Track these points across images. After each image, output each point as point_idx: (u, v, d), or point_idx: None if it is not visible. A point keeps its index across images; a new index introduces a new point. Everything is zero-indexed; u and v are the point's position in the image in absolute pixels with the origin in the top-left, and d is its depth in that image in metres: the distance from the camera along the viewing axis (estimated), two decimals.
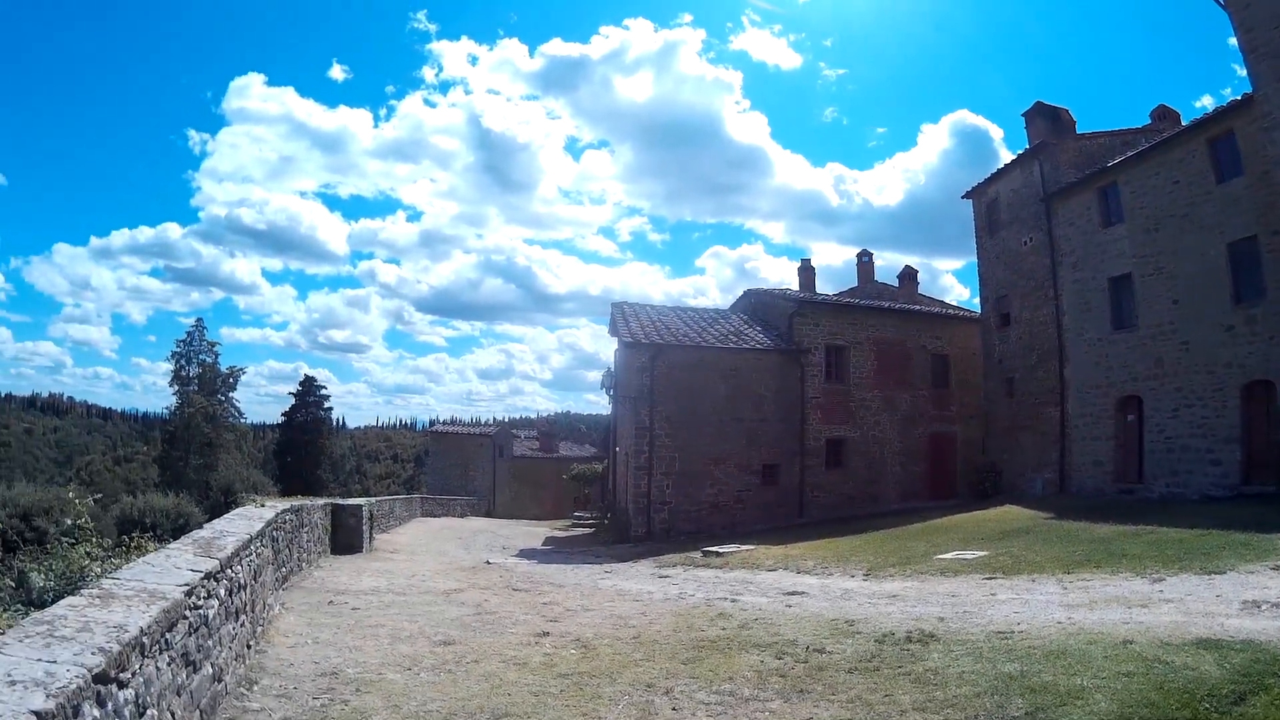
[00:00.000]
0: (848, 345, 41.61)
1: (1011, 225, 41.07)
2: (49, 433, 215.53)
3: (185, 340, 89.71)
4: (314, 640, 13.38)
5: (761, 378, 39.43)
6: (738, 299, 49.83)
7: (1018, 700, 8.68)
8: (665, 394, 37.55)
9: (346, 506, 29.12)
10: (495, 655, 12.37)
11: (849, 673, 10.51)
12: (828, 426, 40.45)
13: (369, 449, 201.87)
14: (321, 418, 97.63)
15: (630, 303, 44.78)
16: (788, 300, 43.38)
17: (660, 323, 40.80)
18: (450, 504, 64.89)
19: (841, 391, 41.12)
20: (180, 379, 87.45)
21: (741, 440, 38.73)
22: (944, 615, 14.35)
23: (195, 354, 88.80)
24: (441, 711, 9.42)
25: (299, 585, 19.75)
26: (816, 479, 39.85)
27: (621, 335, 39.72)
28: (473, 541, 38.72)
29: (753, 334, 41.20)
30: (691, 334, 39.88)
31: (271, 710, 9.34)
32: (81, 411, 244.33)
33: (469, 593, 20.12)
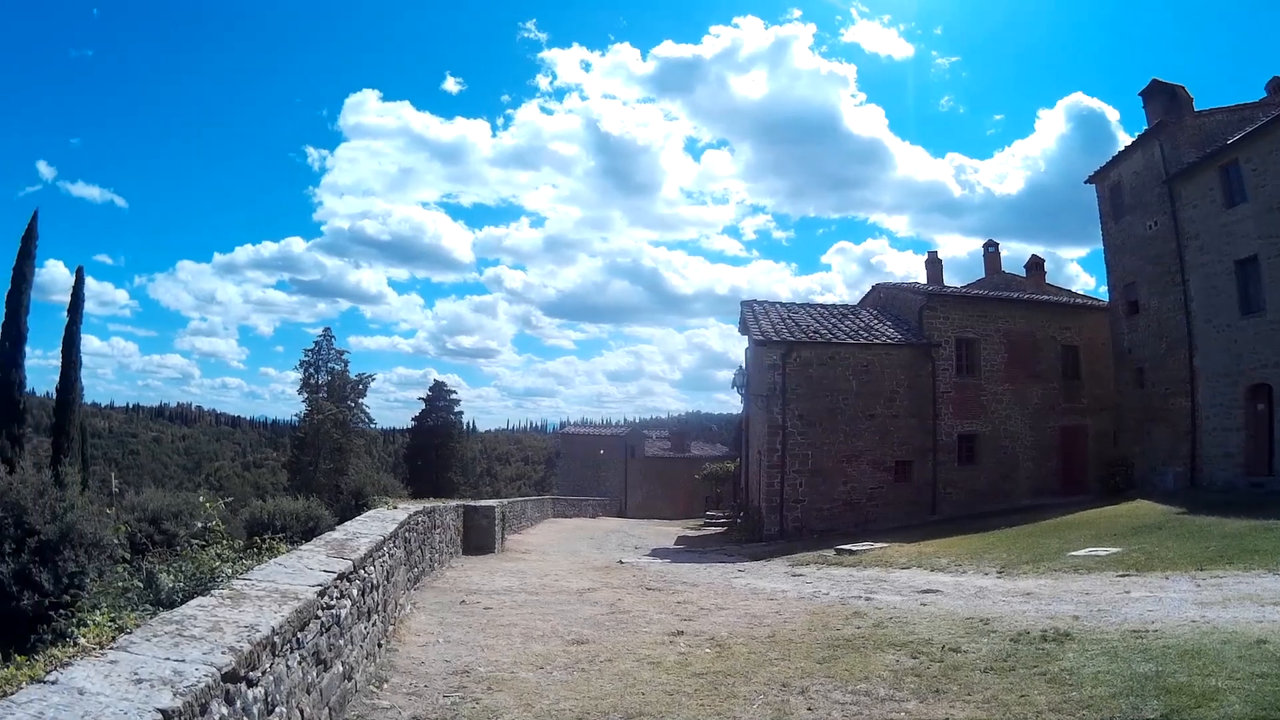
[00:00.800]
0: (978, 338, 40.94)
1: (1135, 209, 40.16)
2: (177, 440, 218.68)
3: (314, 349, 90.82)
4: (445, 639, 13.49)
5: (893, 373, 39.01)
6: (866, 294, 49.32)
7: (1153, 702, 8.52)
8: (797, 391, 37.30)
9: (479, 508, 29.31)
10: (629, 654, 12.35)
11: (984, 672, 10.42)
12: (959, 421, 39.89)
13: (499, 452, 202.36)
14: (452, 421, 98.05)
15: (760, 301, 44.41)
16: (917, 294, 42.87)
17: (790, 320, 40.52)
18: (582, 504, 65.21)
19: (972, 385, 40.54)
20: (309, 387, 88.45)
21: (874, 437, 38.34)
22: (1078, 614, 14.21)
23: (324, 362, 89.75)
24: (574, 710, 9.39)
25: (431, 585, 19.97)
26: (949, 475, 39.34)
27: (752, 333, 39.54)
28: (605, 541, 38.89)
29: (883, 329, 40.70)
30: (822, 330, 39.52)
31: (401, 708, 9.40)
32: (210, 420, 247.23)
33: (602, 592, 20.15)
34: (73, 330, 57.57)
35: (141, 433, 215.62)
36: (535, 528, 44.18)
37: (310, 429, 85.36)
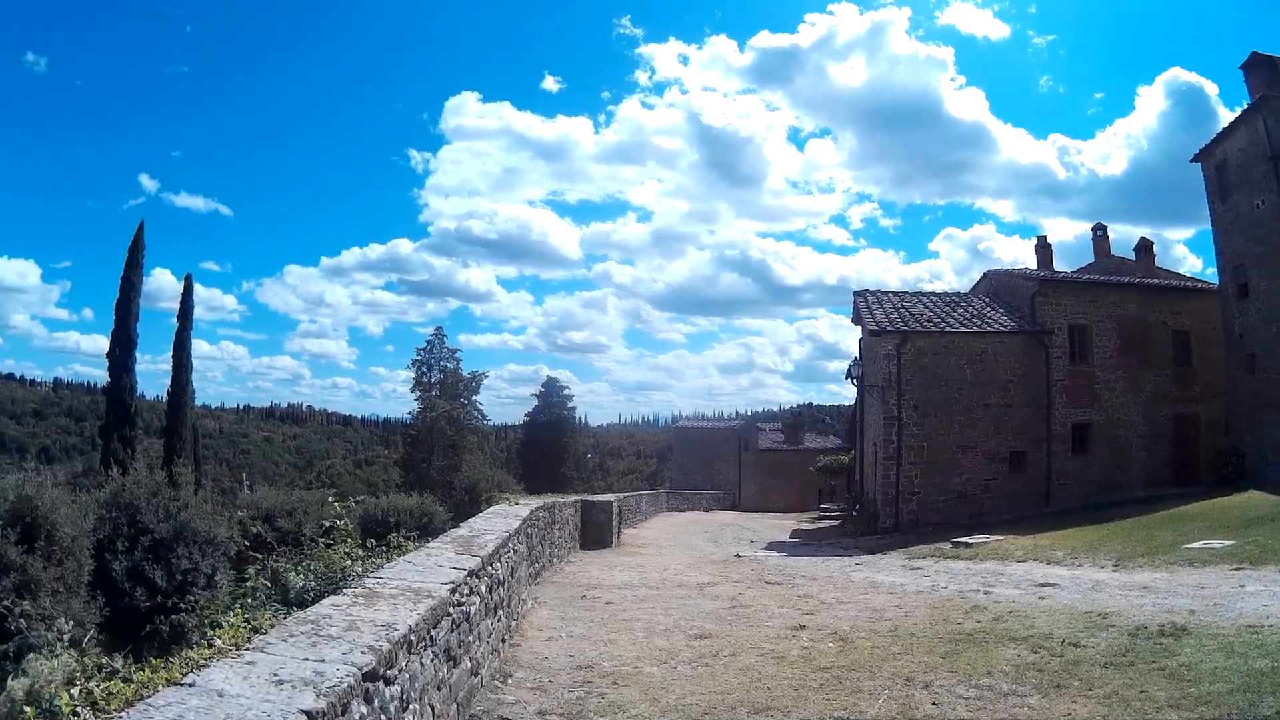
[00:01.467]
0: (1089, 324, 40.15)
1: (1242, 188, 38.95)
2: (288, 440, 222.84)
3: (425, 348, 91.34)
4: (568, 634, 13.68)
5: (1006, 361, 38.54)
6: (978, 281, 48.84)
7: (1269, 698, 8.49)
8: (911, 382, 37.05)
9: (596, 503, 29.54)
10: (752, 648, 12.44)
11: (1104, 667, 10.41)
12: (1072, 410, 39.30)
13: (611, 446, 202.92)
14: (565, 417, 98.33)
15: (873, 290, 44.07)
16: (1028, 280, 42.33)
17: (904, 309, 40.24)
18: (695, 498, 65.25)
19: (1085, 373, 39.91)
20: (422, 385, 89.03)
21: (989, 427, 37.99)
22: (1194, 608, 14.09)
23: (436, 361, 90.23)
24: (700, 705, 9.47)
25: (551, 580, 20.22)
26: (1062, 466, 38.79)
27: (866, 323, 39.40)
28: (720, 535, 38.98)
29: (995, 316, 40.26)
30: (935, 319, 39.19)
31: (526, 703, 9.53)
32: (321, 419, 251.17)
33: (722, 586, 20.21)
34: (183, 335, 58.62)
35: (252, 433, 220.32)
36: (650, 522, 44.33)
37: (423, 426, 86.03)
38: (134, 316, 55.20)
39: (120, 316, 54.89)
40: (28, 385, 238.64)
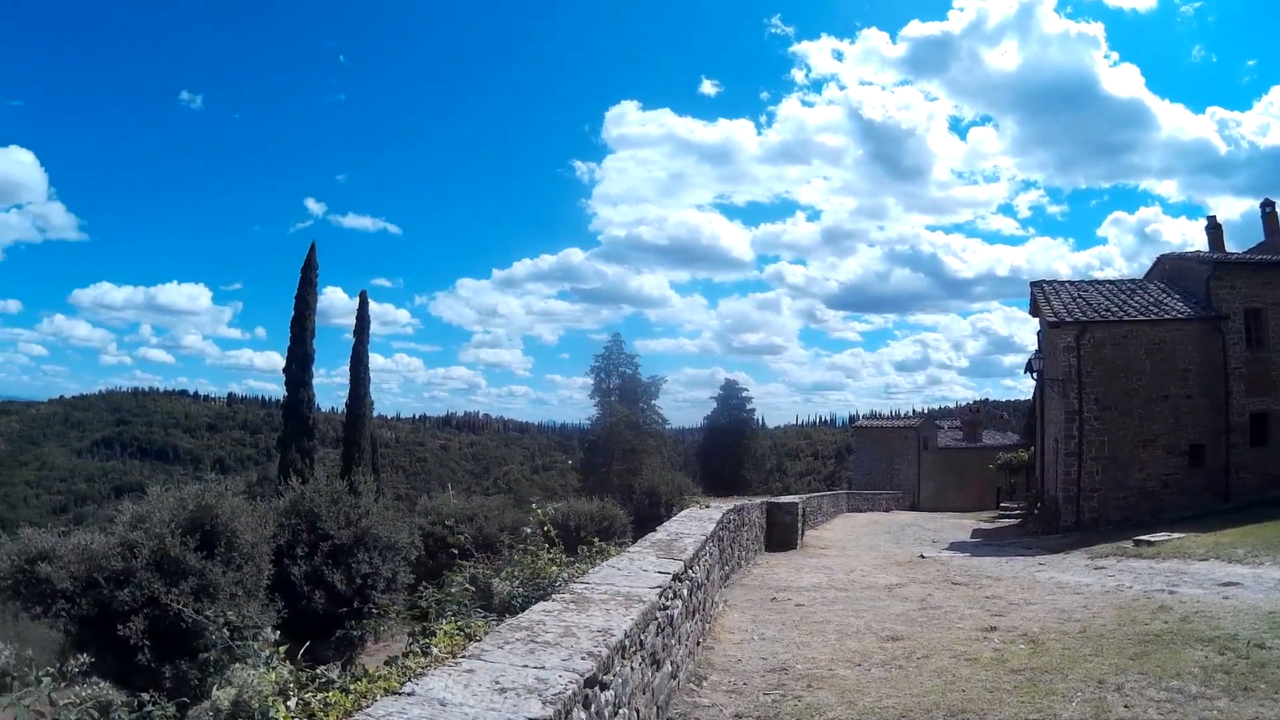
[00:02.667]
0: (1264, 307, 38.74)
1: None
2: (465, 447, 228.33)
3: (603, 355, 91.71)
4: (759, 636, 13.78)
5: (1184, 350, 37.20)
6: (1151, 266, 47.58)
7: None
8: (1091, 374, 36.36)
9: (782, 504, 29.62)
10: (944, 650, 12.49)
11: None
12: (1250, 400, 38.16)
13: (789, 447, 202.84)
14: (744, 419, 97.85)
15: (1050, 280, 43.24)
16: (1201, 263, 41.13)
17: (1081, 299, 39.49)
18: (875, 498, 64.81)
19: (1262, 359, 38.68)
20: (601, 391, 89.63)
21: (1168, 420, 36.87)
22: None
23: (614, 367, 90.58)
24: (896, 708, 9.55)
25: (740, 583, 20.33)
26: (1240, 458, 37.68)
27: (1044, 315, 38.82)
28: (902, 535, 38.63)
29: (1171, 303, 39.19)
30: (1112, 308, 38.35)
31: (722, 705, 9.66)
32: (498, 427, 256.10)
33: (910, 587, 20.19)
34: (360, 349, 60.08)
35: (429, 441, 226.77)
36: (831, 523, 44.16)
37: (602, 432, 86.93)
38: (309, 333, 56.71)
39: (296, 333, 56.42)
40: (202, 401, 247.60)
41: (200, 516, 20.20)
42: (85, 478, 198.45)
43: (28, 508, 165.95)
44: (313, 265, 57.80)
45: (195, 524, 20.05)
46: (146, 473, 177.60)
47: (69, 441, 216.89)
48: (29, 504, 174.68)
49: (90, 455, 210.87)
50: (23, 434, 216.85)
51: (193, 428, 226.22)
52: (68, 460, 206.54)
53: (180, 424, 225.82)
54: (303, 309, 56.85)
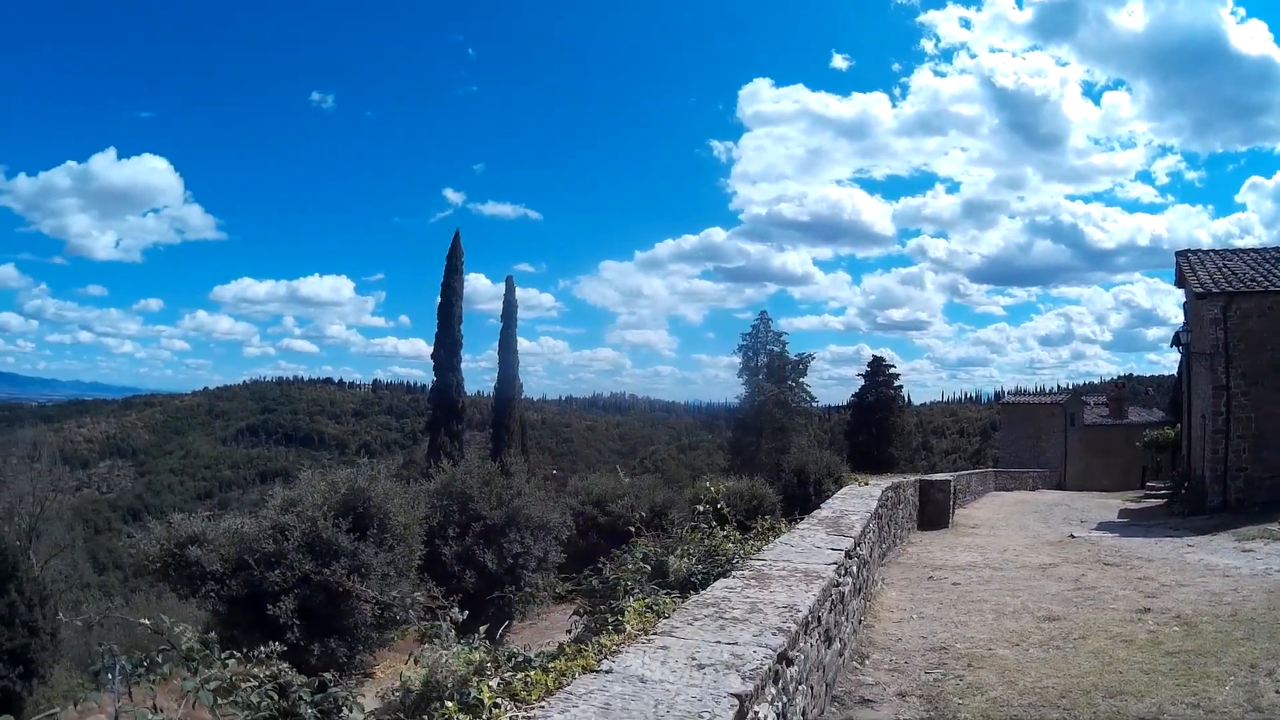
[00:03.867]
0: None
1: None
2: (611, 428, 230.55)
3: (751, 333, 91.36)
4: (918, 615, 13.82)
5: None
6: None
7: None
8: (1238, 347, 35.59)
9: (934, 482, 29.52)
10: (1100, 631, 12.40)
11: None
12: None
13: (934, 424, 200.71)
14: (891, 396, 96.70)
15: (1196, 250, 42.21)
16: None
17: (1227, 268, 38.50)
18: (1022, 477, 64.10)
19: None
20: (749, 369, 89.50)
21: None
22: None
23: (762, 345, 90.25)
24: (1056, 688, 9.51)
25: (896, 561, 20.35)
26: None
27: (1190, 285, 37.92)
28: (1050, 515, 38.04)
29: None
30: (1258, 278, 37.56)
31: (885, 684, 9.71)
32: (644, 407, 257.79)
33: (1063, 567, 19.97)
34: (508, 334, 60.93)
35: (575, 423, 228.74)
36: (979, 501, 43.81)
37: (751, 410, 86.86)
38: (456, 319, 57.65)
39: (443, 320, 57.36)
40: (347, 388, 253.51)
41: (352, 499, 20.62)
42: (230, 465, 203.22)
43: (171, 494, 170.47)
44: (458, 253, 58.70)
45: (347, 506, 20.47)
46: (291, 459, 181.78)
47: (213, 431, 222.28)
48: (173, 490, 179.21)
49: (234, 443, 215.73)
50: (167, 425, 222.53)
51: (338, 414, 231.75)
52: (212, 448, 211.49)
53: (325, 411, 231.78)
54: (449, 296, 57.76)
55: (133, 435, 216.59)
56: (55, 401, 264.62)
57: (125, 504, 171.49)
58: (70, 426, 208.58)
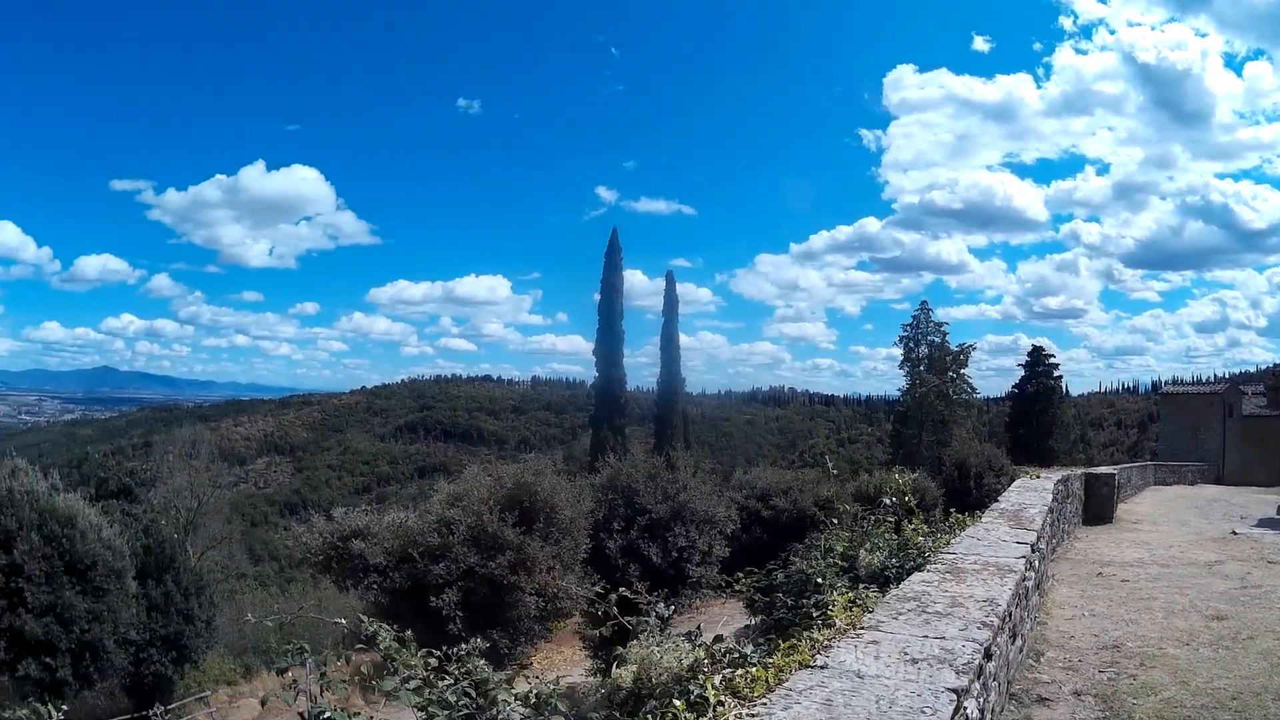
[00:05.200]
0: None
1: None
2: (770, 421, 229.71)
3: (911, 324, 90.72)
4: (1089, 612, 13.67)
5: None
6: None
7: None
8: None
9: (1099, 475, 29.27)
10: (1268, 632, 12.17)
11: None
12: None
13: (1091, 416, 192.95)
14: (1051, 387, 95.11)
15: None
16: None
17: None
18: (1181, 470, 63.03)
19: None
20: (910, 361, 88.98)
21: None
22: None
23: (923, 336, 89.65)
24: (1228, 689, 9.38)
25: (1063, 556, 20.14)
26: None
27: None
28: (1210, 510, 37.25)
29: None
30: None
31: (1061, 682, 9.64)
32: (803, 400, 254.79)
33: (1228, 565, 19.58)
34: (669, 329, 61.50)
35: (734, 416, 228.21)
36: (1139, 495, 43.19)
37: (912, 403, 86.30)
38: (617, 315, 58.45)
39: (604, 316, 58.09)
40: (505, 385, 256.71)
41: (518, 494, 20.94)
42: (388, 460, 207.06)
43: (329, 489, 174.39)
44: (616, 250, 59.41)
45: (513, 500, 20.79)
46: (450, 454, 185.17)
47: (371, 428, 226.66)
48: (330, 486, 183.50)
49: (393, 440, 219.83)
50: (325, 422, 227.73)
51: (496, 410, 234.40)
52: (370, 445, 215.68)
53: (484, 407, 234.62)
54: (609, 292, 58.48)
55: (290, 433, 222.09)
56: (212, 402, 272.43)
57: (282, 499, 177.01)
58: (228, 425, 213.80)
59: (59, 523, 24.81)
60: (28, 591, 23.82)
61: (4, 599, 23.80)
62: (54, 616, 24.12)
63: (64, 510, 25.22)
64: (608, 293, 58.06)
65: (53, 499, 25.40)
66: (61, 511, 25.12)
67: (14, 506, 24.46)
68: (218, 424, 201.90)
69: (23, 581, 23.84)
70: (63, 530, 24.79)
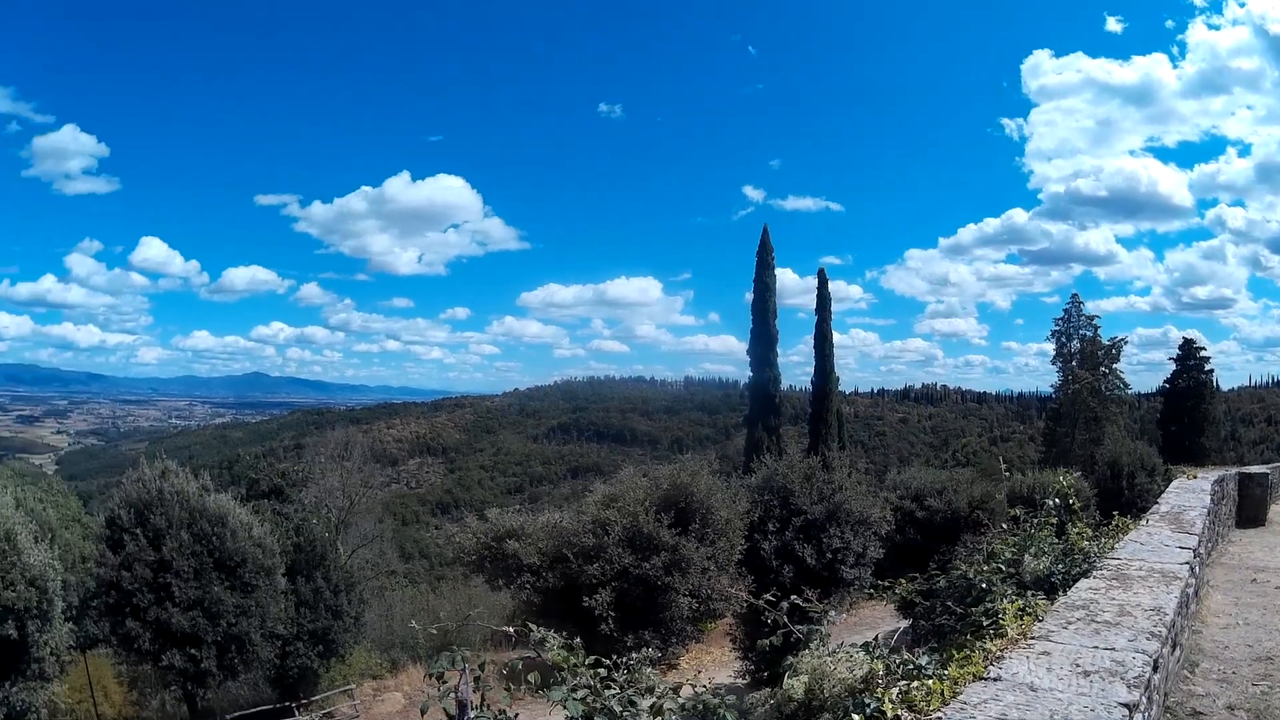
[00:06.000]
0: None
1: None
2: (923, 420, 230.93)
3: (1063, 318, 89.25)
4: (1243, 621, 13.26)
5: None
6: None
7: None
8: None
9: (1254, 475, 28.64)
10: None
11: None
12: None
13: (1242, 412, 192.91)
14: (1202, 382, 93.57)
15: None
16: None
17: None
18: None
19: None
20: (1062, 356, 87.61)
21: None
22: None
23: (1075, 330, 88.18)
24: None
25: (1217, 561, 19.53)
26: None
27: None
28: None
29: None
30: None
31: (1215, 695, 9.40)
32: (955, 398, 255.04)
33: None
34: (823, 327, 61.12)
35: (887, 415, 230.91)
36: None
37: (1065, 399, 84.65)
38: (771, 314, 58.39)
39: (757, 315, 58.06)
40: (658, 385, 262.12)
41: (674, 495, 21.12)
42: (541, 461, 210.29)
43: (481, 489, 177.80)
44: (767, 249, 59.29)
45: (669, 501, 20.95)
46: (603, 455, 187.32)
47: (524, 429, 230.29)
48: (482, 486, 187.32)
49: (545, 440, 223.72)
50: (477, 424, 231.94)
51: (649, 411, 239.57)
52: (523, 446, 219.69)
53: (637, 408, 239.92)
54: (762, 291, 58.43)
55: (442, 434, 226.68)
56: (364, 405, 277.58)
57: (434, 499, 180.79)
58: (379, 428, 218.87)
59: (209, 521, 25.81)
60: (175, 586, 24.69)
61: (152, 593, 24.65)
62: (201, 610, 24.98)
63: (214, 510, 26.01)
64: (760, 291, 58.01)
65: (203, 499, 26.12)
66: (212, 511, 25.90)
67: (163, 506, 25.29)
68: (369, 426, 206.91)
69: (170, 577, 24.72)
70: (213, 529, 25.78)
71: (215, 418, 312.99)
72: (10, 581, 18.34)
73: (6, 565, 18.44)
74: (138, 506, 25.40)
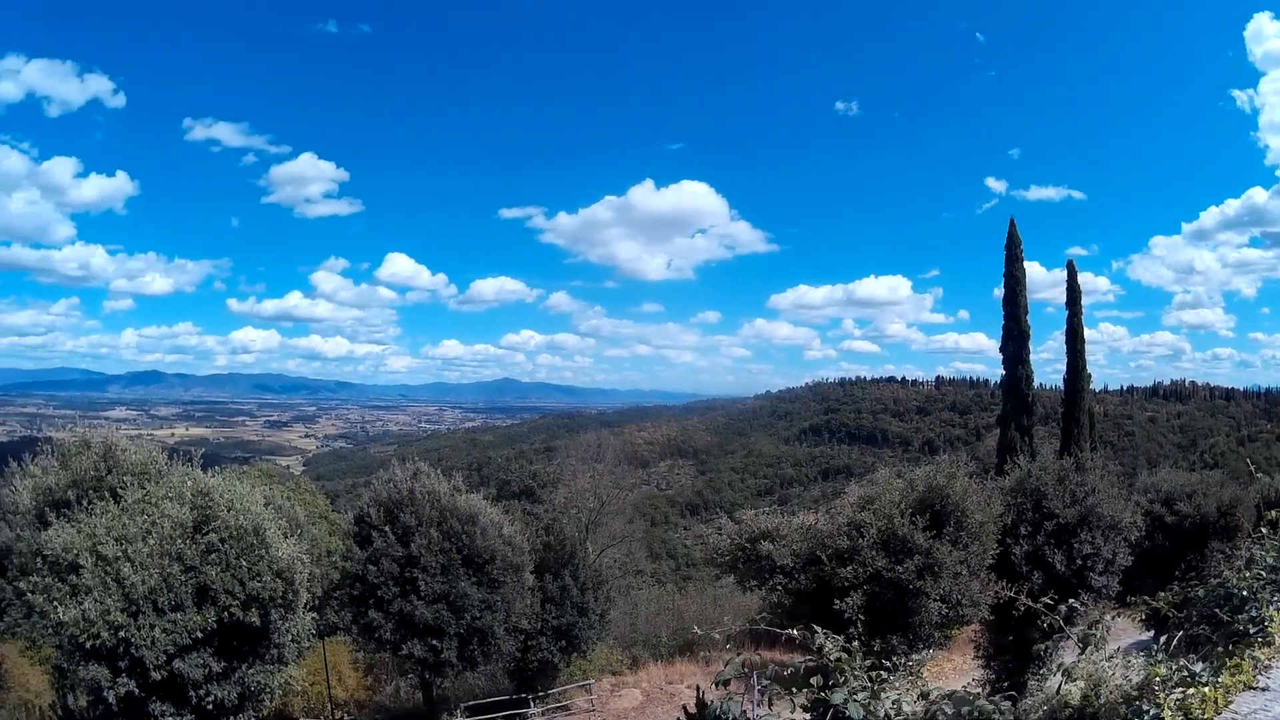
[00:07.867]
0: None
1: None
2: (1171, 419, 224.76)
3: None
4: None
5: None
6: None
7: None
8: None
9: None
10: None
11: None
12: None
13: None
14: None
15: None
16: None
17: None
18: None
19: None
20: None
21: None
22: None
23: None
24: None
25: None
26: None
27: None
28: None
29: None
30: None
31: None
32: (1203, 394, 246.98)
33: None
34: (1074, 321, 59.82)
35: (1136, 413, 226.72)
36: None
37: None
38: (1022, 309, 57.39)
39: (1009, 310, 57.16)
40: (910, 385, 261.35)
41: (930, 497, 21.00)
42: (791, 463, 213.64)
43: (731, 491, 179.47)
44: (1016, 241, 58.26)
45: (924, 504, 20.89)
46: (854, 456, 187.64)
47: (775, 431, 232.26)
48: (733, 488, 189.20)
49: (796, 442, 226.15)
50: (728, 426, 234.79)
51: (901, 412, 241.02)
52: (774, 448, 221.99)
53: (888, 409, 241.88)
54: (1013, 285, 57.47)
55: (694, 437, 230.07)
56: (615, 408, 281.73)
57: (684, 500, 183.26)
58: (630, 430, 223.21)
59: (459, 520, 26.48)
60: (421, 581, 25.40)
61: (398, 586, 25.49)
62: (446, 604, 25.66)
63: (465, 509, 26.75)
64: (1010, 286, 56.97)
65: (454, 498, 26.71)
66: (463, 510, 26.58)
67: (414, 504, 26.16)
68: (620, 429, 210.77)
69: (418, 572, 25.46)
70: (463, 527, 26.41)
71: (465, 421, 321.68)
72: (257, 573, 18.91)
73: (254, 558, 19.09)
74: (387, 505, 26.47)
